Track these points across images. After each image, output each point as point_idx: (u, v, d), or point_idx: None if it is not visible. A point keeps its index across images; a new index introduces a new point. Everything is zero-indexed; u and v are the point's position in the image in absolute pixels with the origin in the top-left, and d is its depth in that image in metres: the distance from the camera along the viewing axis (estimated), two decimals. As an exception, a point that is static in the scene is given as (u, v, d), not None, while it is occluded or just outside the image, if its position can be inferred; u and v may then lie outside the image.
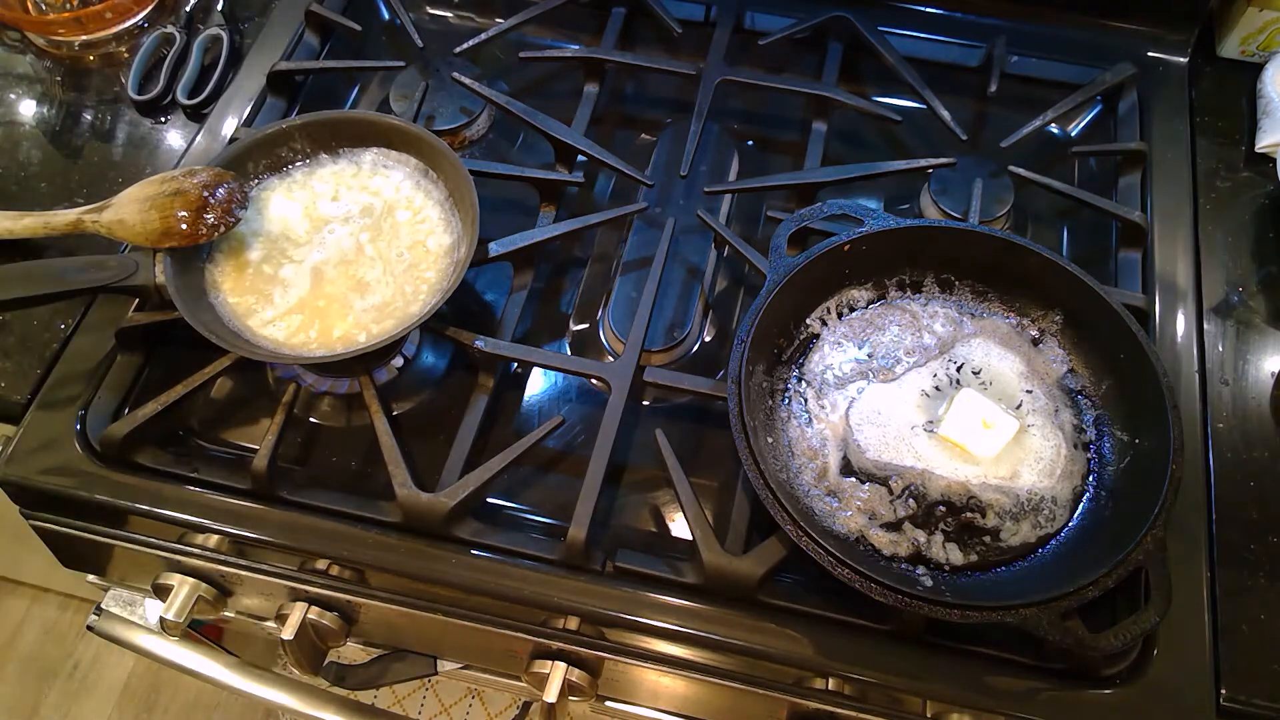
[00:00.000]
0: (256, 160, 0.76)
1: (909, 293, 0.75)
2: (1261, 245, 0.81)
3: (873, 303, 0.75)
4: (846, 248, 0.71)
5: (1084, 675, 0.62)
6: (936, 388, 0.70)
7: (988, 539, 0.65)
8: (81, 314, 0.76)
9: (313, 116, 0.77)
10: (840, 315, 0.75)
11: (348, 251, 0.73)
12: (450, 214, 0.75)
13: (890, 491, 0.66)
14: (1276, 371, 0.74)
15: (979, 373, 0.71)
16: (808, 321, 0.74)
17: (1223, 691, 0.61)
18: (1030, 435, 0.68)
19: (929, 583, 0.62)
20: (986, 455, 0.66)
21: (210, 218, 0.69)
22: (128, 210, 0.71)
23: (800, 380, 0.71)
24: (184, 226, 0.68)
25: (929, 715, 0.63)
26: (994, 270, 0.73)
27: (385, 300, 0.71)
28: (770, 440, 0.68)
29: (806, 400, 0.70)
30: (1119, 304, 0.68)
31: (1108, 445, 0.68)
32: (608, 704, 0.78)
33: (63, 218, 0.74)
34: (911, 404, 0.69)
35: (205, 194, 0.69)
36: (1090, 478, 0.67)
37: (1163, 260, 0.79)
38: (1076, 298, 0.70)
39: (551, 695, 0.66)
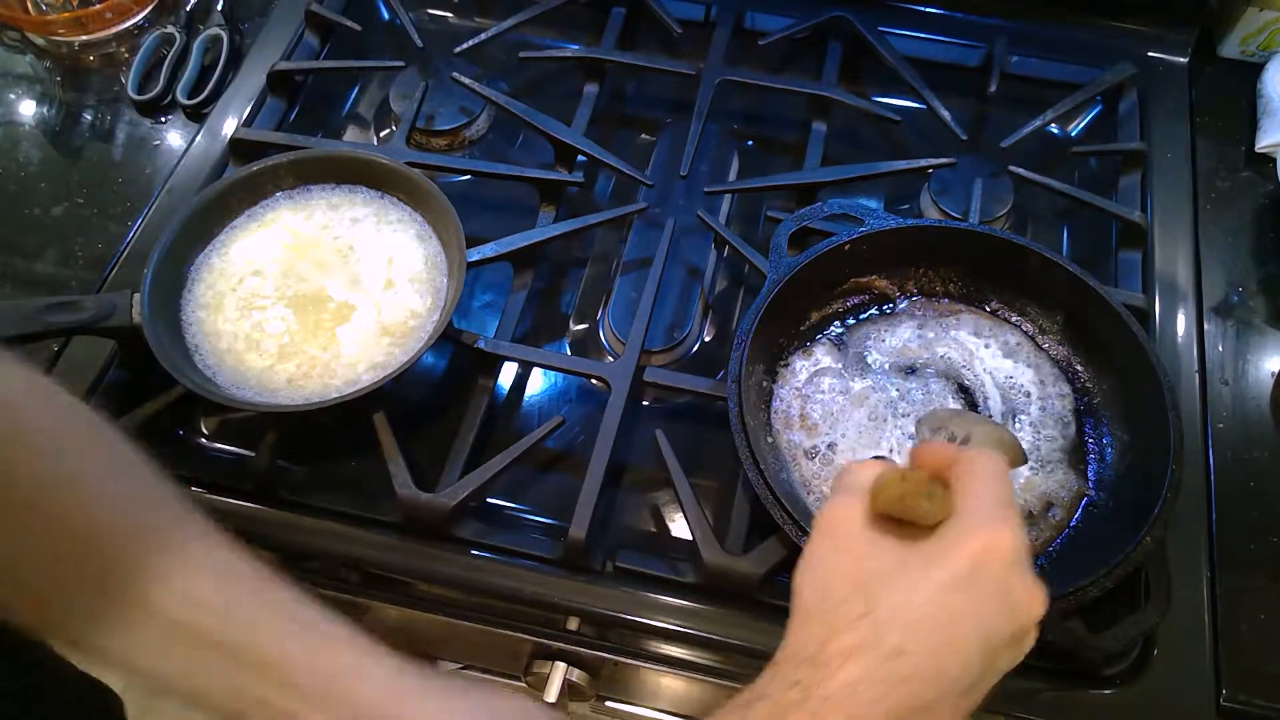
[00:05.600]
0: (239, 200, 0.75)
1: (909, 293, 0.75)
2: (1261, 245, 0.81)
3: (872, 303, 0.75)
4: (847, 247, 0.71)
5: (1084, 675, 0.61)
6: (953, 393, 0.70)
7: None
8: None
9: (301, 155, 0.77)
10: (840, 316, 0.75)
11: (332, 286, 0.73)
12: (433, 242, 0.75)
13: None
14: (1276, 371, 0.74)
15: (976, 375, 0.71)
16: (808, 322, 0.74)
17: (1223, 692, 0.61)
18: (1025, 439, 0.68)
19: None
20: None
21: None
22: None
23: (799, 380, 0.71)
24: None
25: (929, 715, 0.63)
26: (994, 270, 0.73)
27: (368, 334, 0.71)
28: (770, 440, 0.68)
29: (806, 401, 0.70)
30: (1119, 304, 0.68)
31: (1107, 445, 0.68)
32: (608, 704, 0.78)
33: None
34: (908, 406, 0.69)
35: None
36: (1090, 478, 0.67)
37: (1163, 260, 0.79)
38: (1077, 298, 0.70)
39: (552, 695, 0.66)
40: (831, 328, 0.74)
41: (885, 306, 0.75)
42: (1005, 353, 0.72)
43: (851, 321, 0.74)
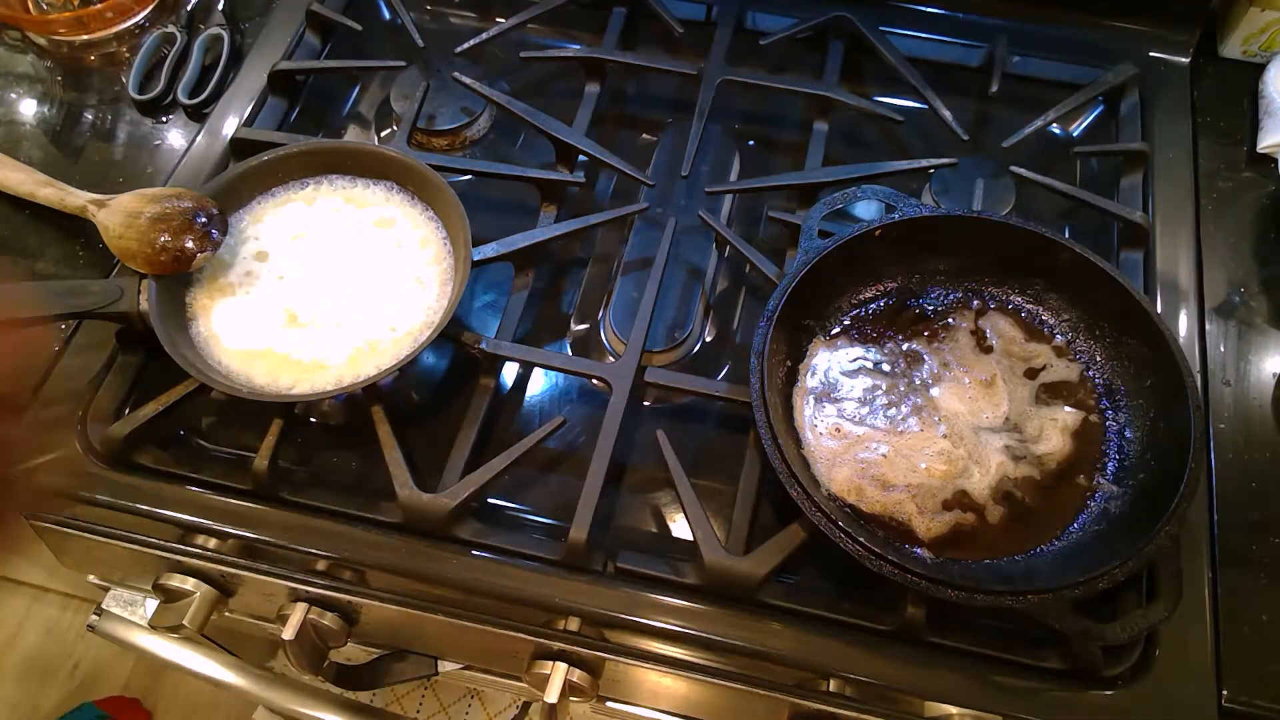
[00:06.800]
0: (251, 188, 0.76)
1: (936, 285, 0.75)
2: (1263, 246, 0.80)
3: (898, 293, 0.75)
4: (878, 233, 0.71)
5: (1085, 676, 0.61)
6: (979, 382, 0.70)
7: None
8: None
9: (310, 145, 0.77)
10: (864, 305, 0.74)
11: (338, 279, 0.73)
12: (440, 240, 0.75)
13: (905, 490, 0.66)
14: (1278, 372, 0.74)
15: (997, 364, 0.71)
16: (831, 308, 0.73)
17: (1224, 693, 0.61)
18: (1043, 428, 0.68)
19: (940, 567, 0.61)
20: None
21: (189, 244, 0.69)
22: (116, 218, 0.71)
23: (821, 364, 0.71)
24: (161, 257, 0.69)
25: (929, 716, 0.63)
26: (1022, 265, 0.73)
27: (372, 328, 0.71)
28: (790, 423, 0.68)
29: (828, 383, 0.70)
30: (1149, 304, 0.67)
31: (1123, 442, 0.68)
32: (608, 704, 0.78)
33: (74, 199, 0.76)
34: (929, 397, 0.69)
35: (186, 220, 0.70)
36: (1107, 475, 0.67)
37: (1164, 261, 0.78)
38: (1105, 295, 0.69)
39: (552, 696, 0.66)
40: (855, 314, 0.73)
41: (910, 300, 0.74)
42: (1026, 340, 0.72)
43: (875, 309, 0.74)
